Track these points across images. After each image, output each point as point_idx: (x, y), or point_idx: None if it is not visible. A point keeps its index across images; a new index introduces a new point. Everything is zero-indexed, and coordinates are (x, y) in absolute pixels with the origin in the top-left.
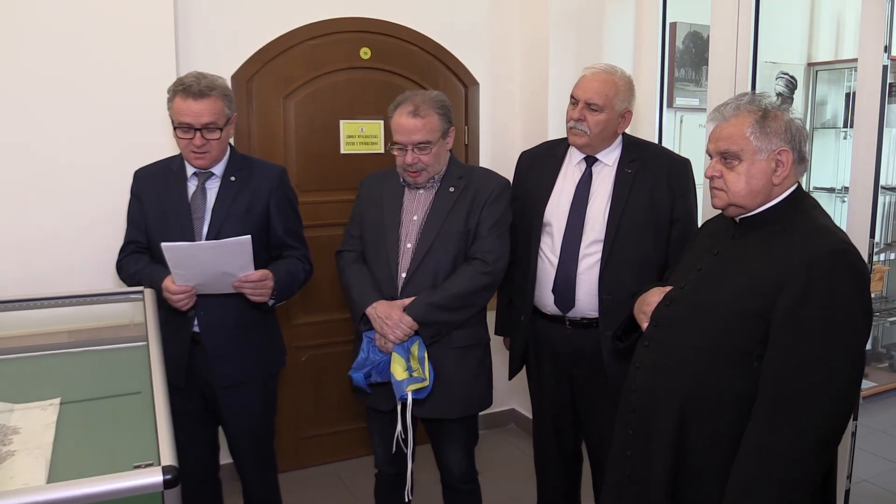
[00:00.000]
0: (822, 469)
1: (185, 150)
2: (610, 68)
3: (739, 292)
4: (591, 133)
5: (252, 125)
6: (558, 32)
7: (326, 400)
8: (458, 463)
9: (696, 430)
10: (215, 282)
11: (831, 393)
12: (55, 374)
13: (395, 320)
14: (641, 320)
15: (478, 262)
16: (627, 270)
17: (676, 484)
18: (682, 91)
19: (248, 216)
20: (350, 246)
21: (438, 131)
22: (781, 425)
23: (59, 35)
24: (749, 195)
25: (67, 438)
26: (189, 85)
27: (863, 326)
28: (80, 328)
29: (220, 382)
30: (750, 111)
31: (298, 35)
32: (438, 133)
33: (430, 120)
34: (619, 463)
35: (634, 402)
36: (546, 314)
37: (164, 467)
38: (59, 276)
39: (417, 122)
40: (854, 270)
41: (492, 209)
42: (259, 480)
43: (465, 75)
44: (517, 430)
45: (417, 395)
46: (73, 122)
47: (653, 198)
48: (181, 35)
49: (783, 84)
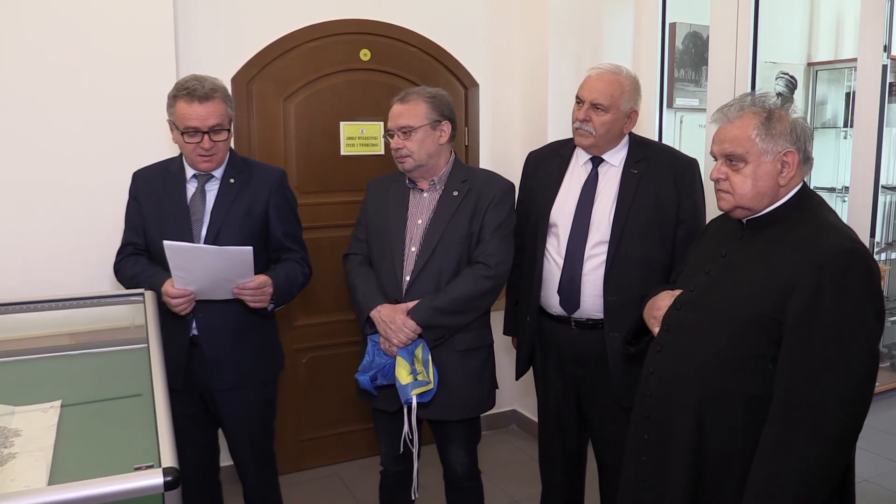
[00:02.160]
0: (839, 468)
1: (192, 155)
2: (615, 68)
3: (750, 295)
4: (596, 133)
5: (252, 127)
6: (558, 33)
7: (327, 402)
8: (460, 461)
9: (713, 434)
10: (215, 286)
11: (846, 392)
12: (56, 377)
13: (398, 324)
14: (652, 325)
15: (480, 265)
16: (633, 271)
17: (694, 488)
18: (682, 91)
19: (248, 219)
20: (356, 249)
21: (424, 118)
22: (798, 426)
23: (60, 38)
24: (755, 197)
25: (68, 440)
26: (193, 88)
27: (876, 325)
28: (81, 330)
29: (218, 386)
30: (754, 112)
31: (298, 37)
32: (424, 120)
33: (414, 106)
34: (633, 469)
35: (649, 408)
36: (552, 315)
37: (165, 469)
38: (59, 279)
39: (402, 107)
40: (865, 269)
41: (495, 213)
42: (259, 482)
43: (464, 76)
44: (519, 432)
45: (422, 398)
46: (74, 125)
47: (659, 198)
48: (181, 38)
49: (783, 84)
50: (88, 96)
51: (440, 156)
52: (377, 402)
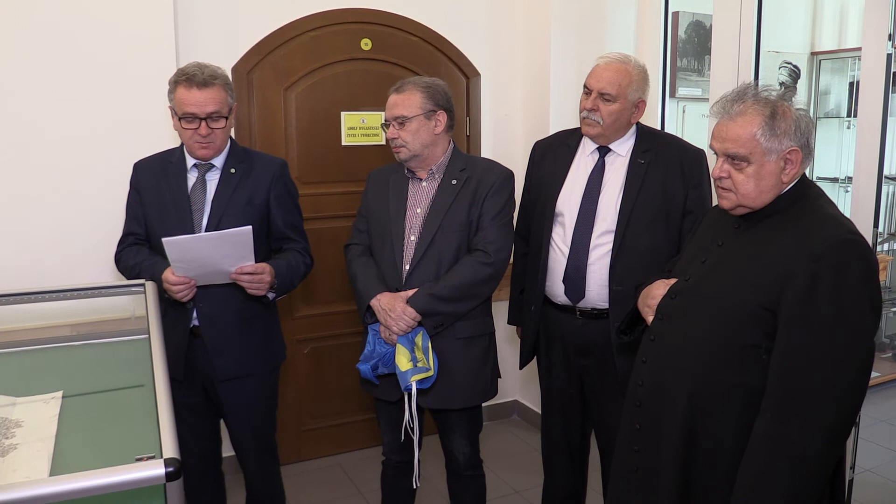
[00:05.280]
0: (831, 462)
1: (190, 141)
2: (623, 58)
3: (746, 285)
4: (603, 123)
5: (253, 117)
6: (560, 22)
7: (328, 392)
8: (462, 450)
9: (705, 425)
10: (216, 273)
11: (840, 385)
12: (57, 368)
13: (398, 312)
14: (646, 314)
15: (479, 252)
16: (638, 261)
17: (685, 478)
18: (685, 81)
19: (248, 208)
20: (357, 240)
21: (418, 108)
22: (790, 419)
23: (58, 24)
24: (758, 196)
25: (70, 431)
26: (192, 74)
27: (871, 317)
28: (82, 321)
29: (219, 376)
30: (757, 110)
31: (298, 26)
32: (418, 110)
33: (409, 96)
34: (625, 458)
35: (641, 397)
36: (557, 304)
37: (167, 460)
38: (60, 270)
39: (397, 98)
40: (862, 261)
41: (493, 200)
42: (261, 473)
43: (466, 66)
44: (520, 422)
45: (422, 384)
46: (74, 115)
47: (665, 188)
48: (181, 27)
49: (786, 73)
50: (89, 90)
51: (437, 145)
52: (379, 392)
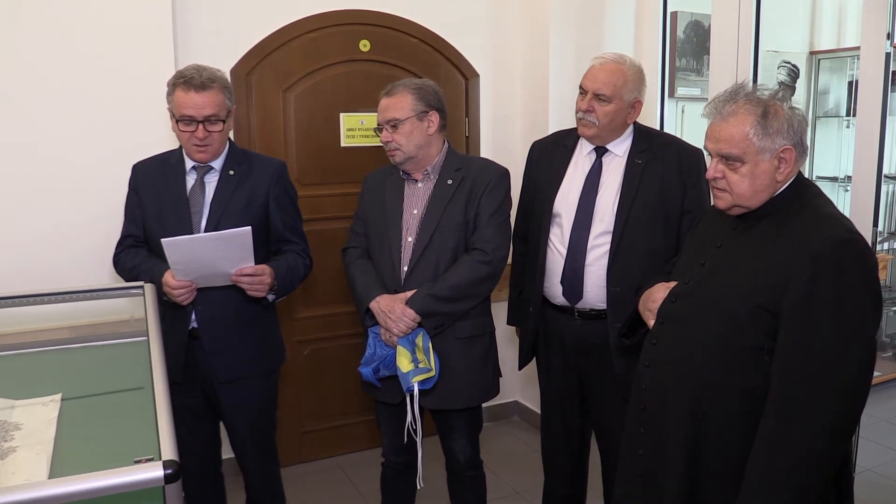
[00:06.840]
0: (836, 461)
1: (187, 144)
2: (619, 58)
3: (746, 287)
4: (599, 124)
5: (252, 119)
6: (559, 23)
7: (328, 394)
8: (463, 450)
9: (709, 427)
10: (216, 274)
11: (842, 385)
12: (56, 370)
13: (397, 314)
14: (647, 317)
15: (477, 251)
16: (636, 262)
17: (691, 481)
18: (684, 81)
19: (247, 210)
20: (354, 243)
21: (409, 110)
22: (793, 419)
23: (57, 25)
24: (753, 196)
25: (69, 434)
26: (190, 77)
27: (872, 316)
28: (81, 324)
29: (218, 377)
30: (749, 110)
31: (297, 28)
32: (409, 112)
33: (400, 98)
34: (630, 462)
35: (645, 401)
36: (555, 305)
37: (165, 462)
38: (58, 272)
39: (388, 101)
40: (861, 260)
41: (490, 199)
42: (261, 474)
43: (465, 67)
44: (521, 423)
45: (424, 385)
46: (72, 117)
47: (663, 188)
48: (179, 29)
49: (785, 73)
50: (87, 87)
51: (431, 146)
52: (381, 395)
